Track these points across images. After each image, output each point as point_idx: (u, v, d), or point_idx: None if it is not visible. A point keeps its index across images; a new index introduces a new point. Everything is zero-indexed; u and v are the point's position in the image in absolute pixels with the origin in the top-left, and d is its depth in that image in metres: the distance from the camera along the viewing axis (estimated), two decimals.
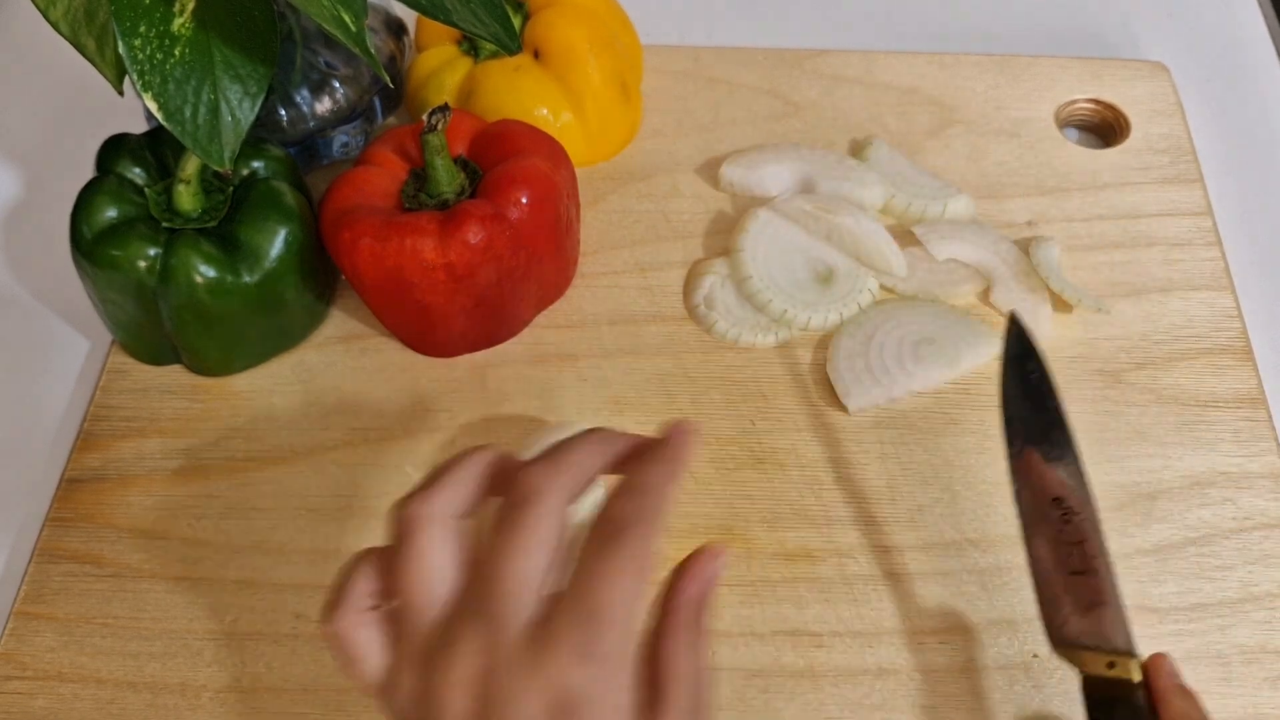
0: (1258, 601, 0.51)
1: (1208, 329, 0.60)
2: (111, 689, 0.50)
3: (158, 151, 0.57)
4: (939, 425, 0.57)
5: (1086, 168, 0.66)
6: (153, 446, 0.56)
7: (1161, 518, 0.54)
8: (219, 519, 0.54)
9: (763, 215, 0.62)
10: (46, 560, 0.53)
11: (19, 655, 0.51)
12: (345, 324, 0.61)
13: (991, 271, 0.61)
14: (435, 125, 0.53)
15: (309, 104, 0.62)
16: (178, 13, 0.48)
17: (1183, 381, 0.58)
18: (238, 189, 0.56)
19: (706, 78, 0.71)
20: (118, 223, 0.54)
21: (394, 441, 0.57)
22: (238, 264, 0.54)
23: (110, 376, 0.59)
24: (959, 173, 0.66)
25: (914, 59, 0.71)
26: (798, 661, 0.50)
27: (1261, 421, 0.57)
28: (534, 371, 0.59)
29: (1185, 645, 0.50)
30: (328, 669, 0.50)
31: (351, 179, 0.56)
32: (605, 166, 0.67)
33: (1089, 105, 0.69)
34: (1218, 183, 0.67)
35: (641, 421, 0.57)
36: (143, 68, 0.47)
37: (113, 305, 0.56)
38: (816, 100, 0.69)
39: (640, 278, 0.62)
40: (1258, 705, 0.49)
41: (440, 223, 0.54)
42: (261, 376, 0.59)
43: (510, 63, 0.64)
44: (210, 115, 0.49)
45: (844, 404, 0.57)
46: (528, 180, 0.55)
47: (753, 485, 0.55)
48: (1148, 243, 0.63)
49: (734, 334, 0.59)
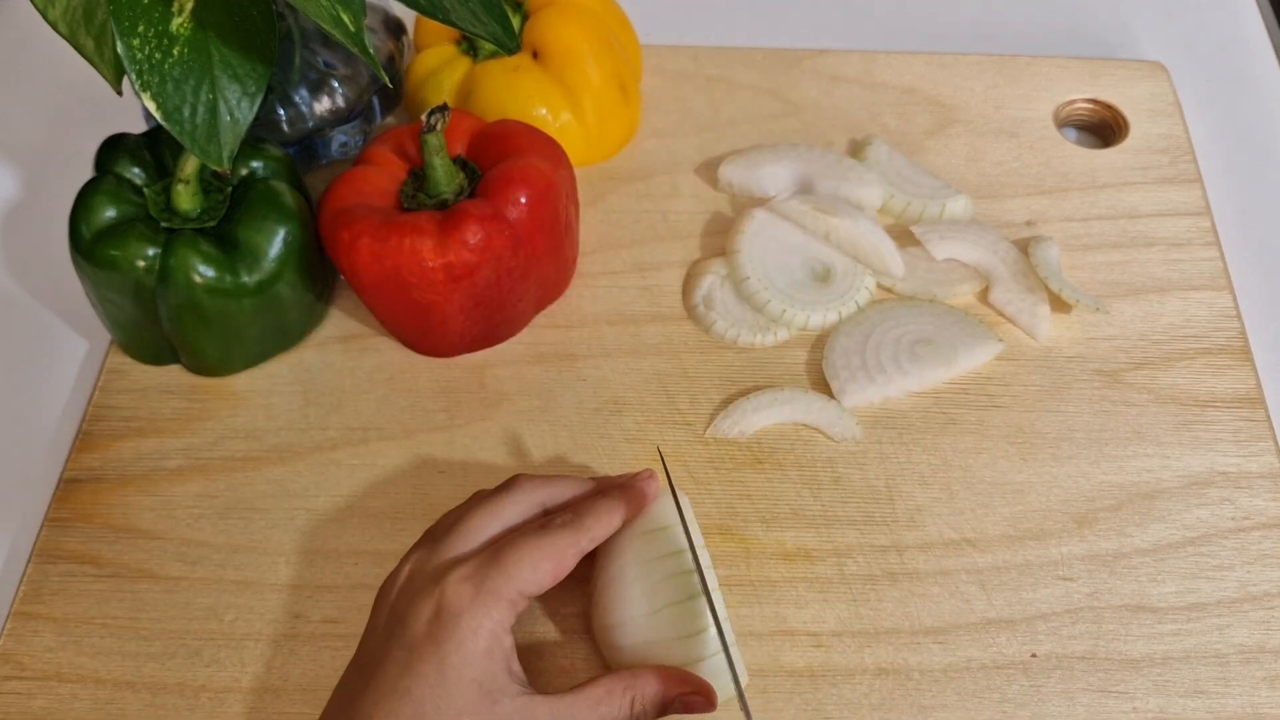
0: (1256, 601, 0.51)
1: (1206, 329, 0.60)
2: (110, 689, 0.50)
3: (156, 151, 0.57)
4: (937, 425, 0.57)
5: (1085, 168, 0.66)
6: (151, 446, 0.56)
7: (1160, 517, 0.54)
8: (218, 519, 0.54)
9: (759, 216, 0.62)
10: (45, 560, 0.53)
11: (17, 655, 0.51)
12: (344, 324, 0.61)
13: (990, 271, 0.61)
14: (434, 125, 0.53)
15: (308, 104, 0.62)
16: (176, 12, 0.48)
17: (1181, 381, 0.58)
18: (236, 189, 0.56)
19: (705, 78, 0.71)
20: (116, 222, 0.54)
21: (393, 441, 0.57)
22: (236, 264, 0.54)
23: (109, 376, 0.59)
24: (958, 172, 0.66)
25: (913, 59, 0.71)
26: (797, 661, 0.50)
27: (1260, 421, 0.57)
28: (533, 371, 0.59)
29: (1183, 645, 0.50)
30: (326, 669, 0.50)
31: (350, 179, 0.56)
32: (604, 166, 0.67)
33: (1088, 105, 0.69)
34: (1216, 183, 0.67)
35: (640, 421, 0.57)
36: (141, 67, 0.47)
37: (111, 305, 0.56)
38: (816, 100, 0.69)
39: (639, 278, 0.62)
40: (1256, 705, 0.49)
41: (439, 223, 0.54)
42: (260, 376, 0.59)
43: (509, 62, 0.64)
44: (209, 115, 0.49)
45: (839, 402, 0.57)
46: (527, 180, 0.55)
47: (751, 485, 0.55)
48: (1146, 243, 0.63)
49: (733, 334, 0.59)
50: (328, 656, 0.50)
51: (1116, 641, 0.50)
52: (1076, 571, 0.52)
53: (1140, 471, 0.55)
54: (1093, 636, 0.50)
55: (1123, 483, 0.55)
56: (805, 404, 0.57)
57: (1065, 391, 0.58)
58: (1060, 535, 0.53)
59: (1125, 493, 0.54)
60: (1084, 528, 0.53)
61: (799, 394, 0.57)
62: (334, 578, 0.52)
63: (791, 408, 0.56)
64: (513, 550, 0.44)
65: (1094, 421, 0.57)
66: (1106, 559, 0.53)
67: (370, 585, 0.52)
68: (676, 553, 0.48)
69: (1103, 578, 0.52)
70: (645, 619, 0.47)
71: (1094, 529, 0.53)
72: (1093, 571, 0.52)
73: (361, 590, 0.52)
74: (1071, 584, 0.52)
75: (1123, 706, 0.49)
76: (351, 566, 0.53)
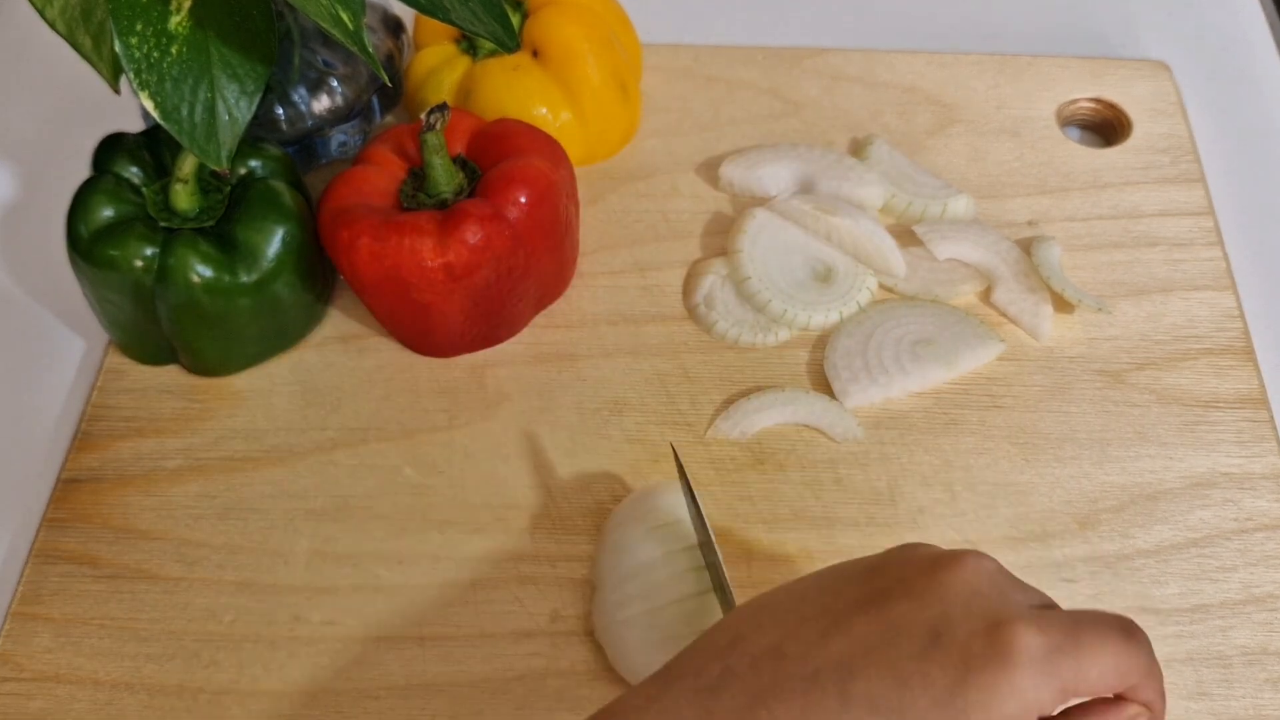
0: (1259, 603, 0.51)
1: (1209, 329, 0.59)
2: (108, 690, 0.49)
3: (155, 151, 0.56)
4: (939, 426, 0.56)
5: (1088, 167, 0.66)
6: (150, 447, 0.56)
7: (1163, 519, 0.54)
8: (217, 519, 0.54)
9: (760, 216, 0.62)
10: (43, 561, 0.53)
11: (15, 656, 0.50)
12: (343, 324, 0.61)
13: (992, 271, 0.61)
14: (434, 124, 0.53)
15: (307, 103, 0.62)
16: (174, 11, 0.47)
17: (1184, 382, 0.58)
18: (235, 188, 0.56)
19: (706, 77, 0.70)
20: (115, 222, 0.54)
21: (392, 442, 0.56)
22: (235, 264, 0.54)
23: (107, 376, 0.59)
24: (959, 172, 0.66)
25: (914, 58, 0.71)
26: None
27: (1263, 422, 0.56)
28: (533, 371, 0.59)
29: (1186, 646, 0.50)
30: (325, 671, 0.50)
31: (349, 178, 0.56)
32: (604, 166, 0.66)
33: (1090, 104, 0.69)
34: (1219, 182, 0.67)
35: (641, 422, 0.56)
36: (139, 66, 0.47)
37: (110, 305, 0.55)
38: (816, 99, 0.69)
39: (639, 277, 0.62)
40: (1259, 707, 0.49)
41: (439, 222, 0.54)
42: (259, 376, 0.59)
43: (509, 61, 0.63)
44: (207, 114, 0.48)
45: (841, 403, 0.56)
46: (526, 180, 0.55)
47: (753, 486, 0.55)
48: (1149, 242, 0.63)
49: (734, 334, 0.59)
50: (327, 658, 0.50)
51: None
52: (1079, 573, 0.52)
53: (1143, 472, 0.55)
54: None
55: (1125, 484, 0.55)
56: (807, 404, 0.56)
57: (1067, 392, 0.58)
58: (1063, 536, 0.53)
59: (1128, 494, 0.54)
60: (1086, 529, 0.53)
61: (800, 394, 0.57)
62: (333, 579, 0.52)
63: (793, 408, 0.56)
64: (1095, 638, 0.35)
65: (1096, 422, 0.56)
66: (1109, 560, 0.52)
67: (370, 586, 0.52)
68: (688, 548, 0.48)
69: (1105, 579, 0.52)
70: (652, 615, 0.47)
71: (1096, 530, 0.53)
72: (1095, 573, 0.52)
73: (361, 591, 0.52)
74: (1074, 585, 0.52)
75: None
76: (351, 568, 0.53)
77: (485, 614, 0.51)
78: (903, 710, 0.33)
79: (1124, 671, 0.35)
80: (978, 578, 0.36)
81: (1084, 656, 0.35)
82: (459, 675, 0.50)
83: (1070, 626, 0.35)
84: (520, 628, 0.51)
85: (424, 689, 0.49)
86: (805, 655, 0.35)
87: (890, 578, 0.36)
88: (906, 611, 0.35)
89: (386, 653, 0.50)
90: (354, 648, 0.50)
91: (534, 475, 0.55)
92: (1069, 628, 0.35)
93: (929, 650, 0.34)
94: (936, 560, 0.37)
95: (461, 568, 0.52)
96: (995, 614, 0.34)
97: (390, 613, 0.51)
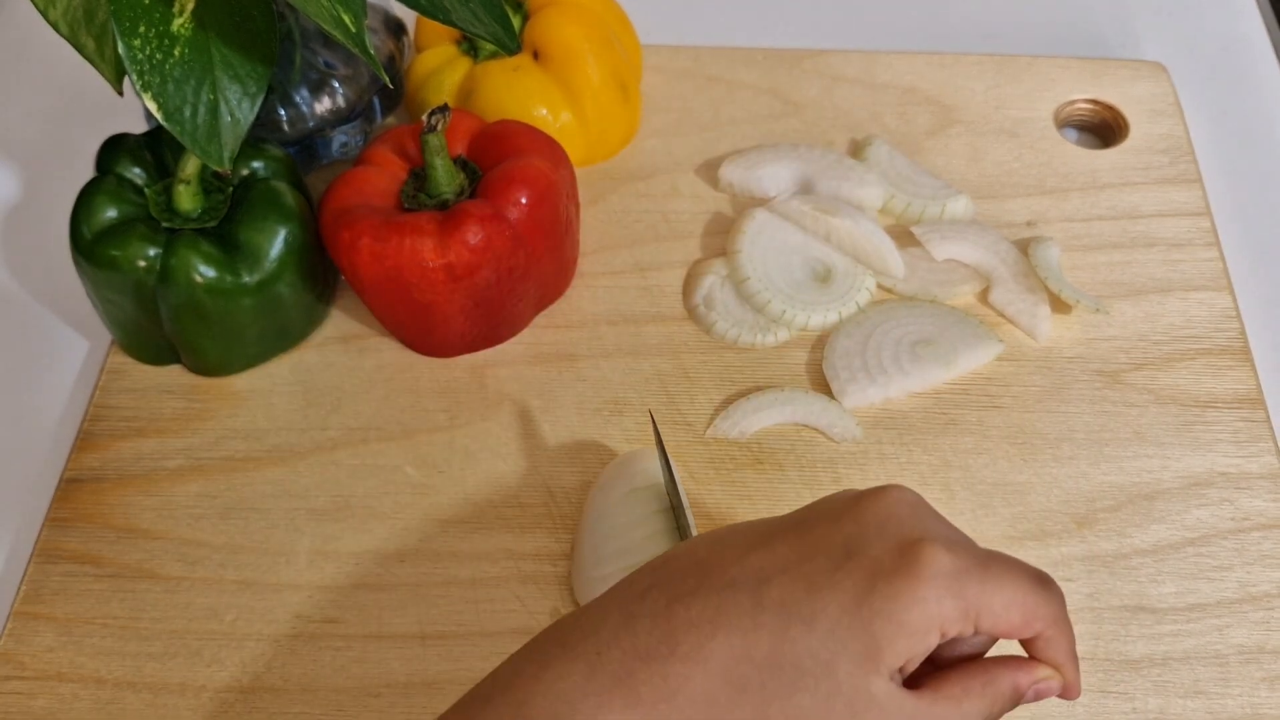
0: (1256, 602, 0.51)
1: (1206, 329, 0.60)
2: (111, 689, 0.50)
3: (157, 151, 0.57)
4: (938, 426, 0.57)
5: (1086, 168, 0.66)
6: (152, 447, 0.56)
7: (1160, 518, 0.54)
8: (218, 519, 0.54)
9: (759, 216, 0.62)
10: (45, 560, 0.53)
11: (18, 655, 0.51)
12: (344, 324, 0.61)
13: (991, 272, 0.61)
14: (435, 125, 0.53)
15: (308, 104, 0.62)
16: (177, 13, 0.48)
17: (1181, 382, 0.58)
18: (237, 189, 0.56)
19: (706, 77, 0.71)
20: (117, 223, 0.54)
21: (393, 441, 0.57)
22: (237, 264, 0.54)
23: (109, 376, 0.59)
24: (958, 173, 0.66)
25: (914, 59, 0.71)
26: None
27: (1260, 422, 0.57)
28: (533, 371, 0.59)
29: (1183, 645, 0.50)
30: (327, 669, 0.50)
31: (351, 179, 0.56)
32: (604, 166, 0.67)
33: (1088, 105, 0.69)
34: (1216, 183, 0.67)
35: (641, 422, 0.57)
36: (142, 67, 0.47)
37: (112, 305, 0.56)
38: (816, 100, 0.69)
39: (639, 278, 0.62)
40: (1256, 705, 0.49)
41: (440, 223, 0.54)
42: (261, 377, 0.59)
43: (509, 63, 0.64)
44: (209, 115, 0.49)
45: (840, 403, 0.57)
46: (527, 180, 0.55)
47: (752, 486, 0.55)
48: (1147, 243, 0.63)
49: (733, 334, 0.59)
50: (329, 656, 0.50)
51: (1116, 642, 0.50)
52: (1076, 572, 0.52)
53: (1140, 472, 0.55)
54: (1092, 637, 0.50)
55: (1122, 483, 0.55)
56: (806, 404, 0.57)
57: (1065, 392, 0.58)
58: (1060, 536, 0.53)
59: (1125, 493, 0.55)
60: (1084, 528, 0.53)
61: (799, 394, 0.57)
62: (335, 578, 0.52)
63: (792, 408, 0.57)
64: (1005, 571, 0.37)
65: (1094, 422, 0.57)
66: (1106, 559, 0.53)
67: (371, 585, 0.52)
68: (664, 509, 0.48)
69: (1102, 578, 0.52)
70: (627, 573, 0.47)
71: (1094, 529, 0.53)
72: (1092, 572, 0.52)
73: (362, 590, 0.52)
74: (1071, 584, 0.52)
75: (1122, 707, 0.49)
76: (352, 566, 0.53)
77: (486, 612, 0.51)
78: (814, 614, 0.35)
79: (1030, 609, 0.37)
80: (899, 507, 0.38)
81: (990, 582, 0.36)
82: (460, 673, 0.50)
83: (982, 556, 0.37)
84: (521, 626, 0.51)
85: (425, 687, 0.49)
86: (725, 567, 0.37)
87: (817, 511, 0.39)
88: (825, 533, 0.37)
89: (388, 651, 0.50)
90: (355, 646, 0.50)
91: (534, 474, 0.55)
92: (981, 556, 0.37)
93: (842, 562, 0.36)
94: (861, 493, 0.39)
95: (462, 566, 0.53)
96: (909, 535, 0.37)
97: (391, 611, 0.51)
